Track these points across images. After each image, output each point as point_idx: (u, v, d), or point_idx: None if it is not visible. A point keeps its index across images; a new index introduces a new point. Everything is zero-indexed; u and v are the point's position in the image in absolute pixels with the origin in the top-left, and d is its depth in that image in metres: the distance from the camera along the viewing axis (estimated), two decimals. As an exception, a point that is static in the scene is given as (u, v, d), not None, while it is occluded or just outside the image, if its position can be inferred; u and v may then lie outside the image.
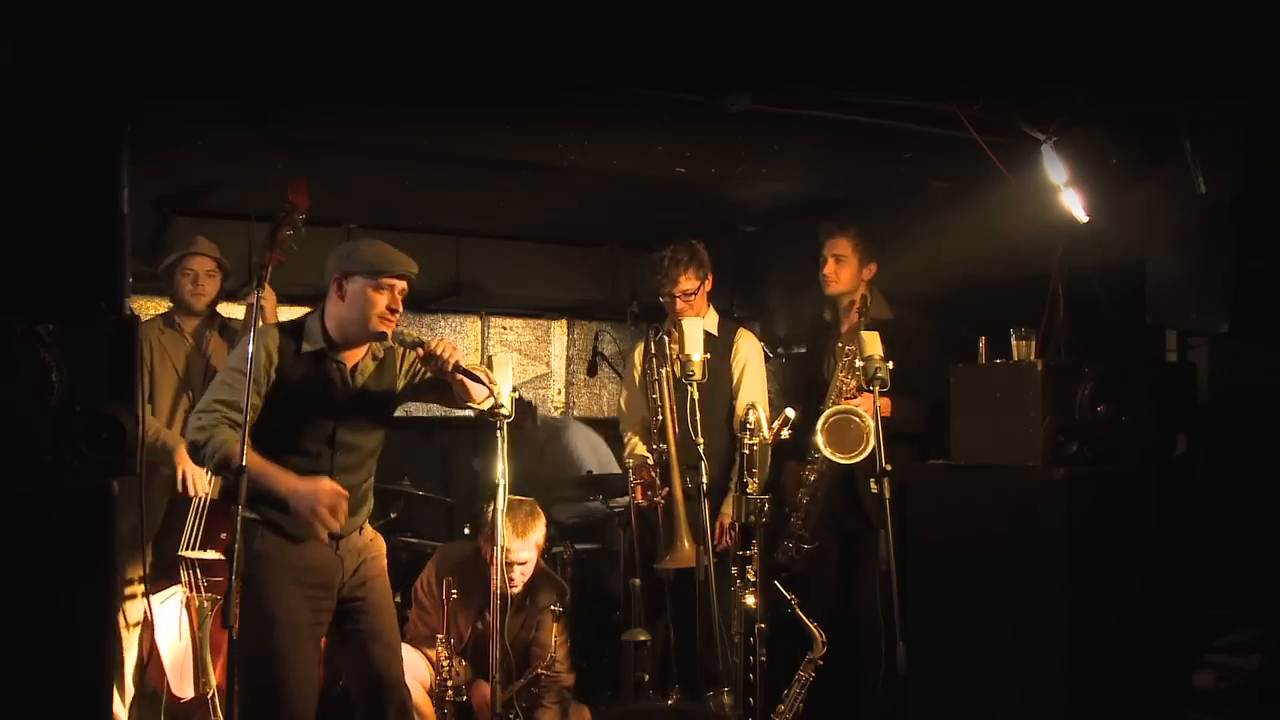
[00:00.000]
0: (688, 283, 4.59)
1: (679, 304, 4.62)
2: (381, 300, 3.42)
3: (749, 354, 4.72)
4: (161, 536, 4.28)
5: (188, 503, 4.22)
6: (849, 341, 4.50)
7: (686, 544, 4.28)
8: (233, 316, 4.80)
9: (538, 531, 4.32)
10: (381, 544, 3.71)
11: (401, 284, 3.47)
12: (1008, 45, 3.27)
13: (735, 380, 4.66)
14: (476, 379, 3.41)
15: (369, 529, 3.67)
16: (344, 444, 3.50)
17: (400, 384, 3.64)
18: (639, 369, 4.77)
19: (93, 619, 2.63)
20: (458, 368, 3.40)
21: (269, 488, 3.30)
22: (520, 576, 4.27)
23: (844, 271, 4.55)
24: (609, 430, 6.75)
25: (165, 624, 4.12)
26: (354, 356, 3.54)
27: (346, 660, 3.62)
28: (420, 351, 3.43)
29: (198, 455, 3.38)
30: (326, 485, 3.31)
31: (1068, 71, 3.44)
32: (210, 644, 4.06)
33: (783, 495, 4.53)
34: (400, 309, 3.47)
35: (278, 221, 3.55)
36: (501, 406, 3.46)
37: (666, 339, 4.65)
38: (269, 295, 4.30)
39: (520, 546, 4.20)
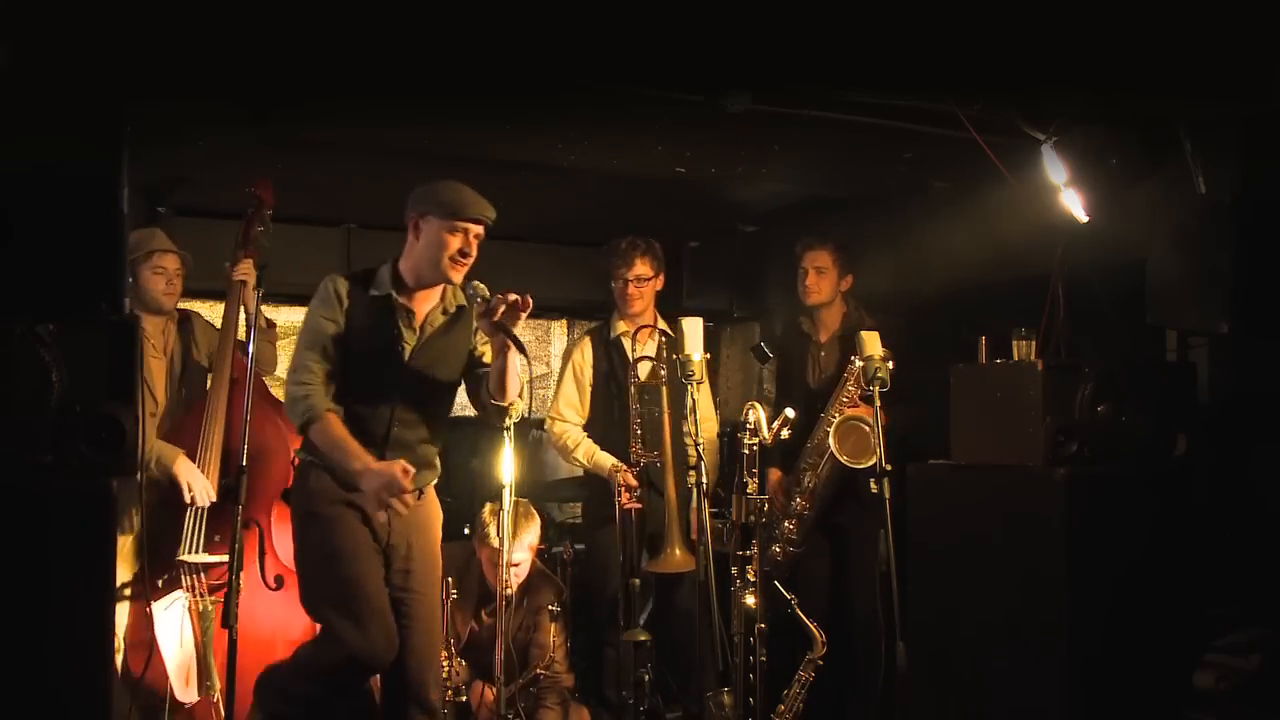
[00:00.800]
0: (643, 267, 4.62)
1: (630, 288, 4.64)
2: (455, 243, 3.37)
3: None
4: (162, 541, 4.25)
5: (184, 507, 4.17)
6: (832, 349, 4.56)
7: (678, 551, 4.28)
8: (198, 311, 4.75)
9: (531, 533, 4.32)
10: (438, 511, 3.66)
11: (477, 228, 3.41)
12: (1008, 45, 3.27)
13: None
14: (521, 349, 3.33)
15: (429, 494, 3.61)
16: (407, 396, 3.44)
17: (469, 345, 3.58)
18: (588, 369, 4.76)
19: (93, 619, 2.63)
20: (506, 330, 3.29)
21: (342, 463, 3.30)
22: (515, 578, 4.26)
23: (824, 283, 4.64)
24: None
25: (168, 629, 4.10)
26: (424, 307, 3.50)
27: None
28: (480, 304, 3.34)
29: (291, 409, 3.40)
30: (399, 470, 3.26)
31: (1068, 71, 3.44)
32: (213, 647, 4.05)
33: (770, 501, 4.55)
34: (474, 254, 3.41)
35: (247, 219, 3.52)
36: (514, 404, 3.48)
37: (625, 340, 4.71)
38: (249, 297, 4.23)
39: (514, 548, 4.19)
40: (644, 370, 4.56)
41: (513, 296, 3.29)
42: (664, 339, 4.54)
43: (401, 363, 3.44)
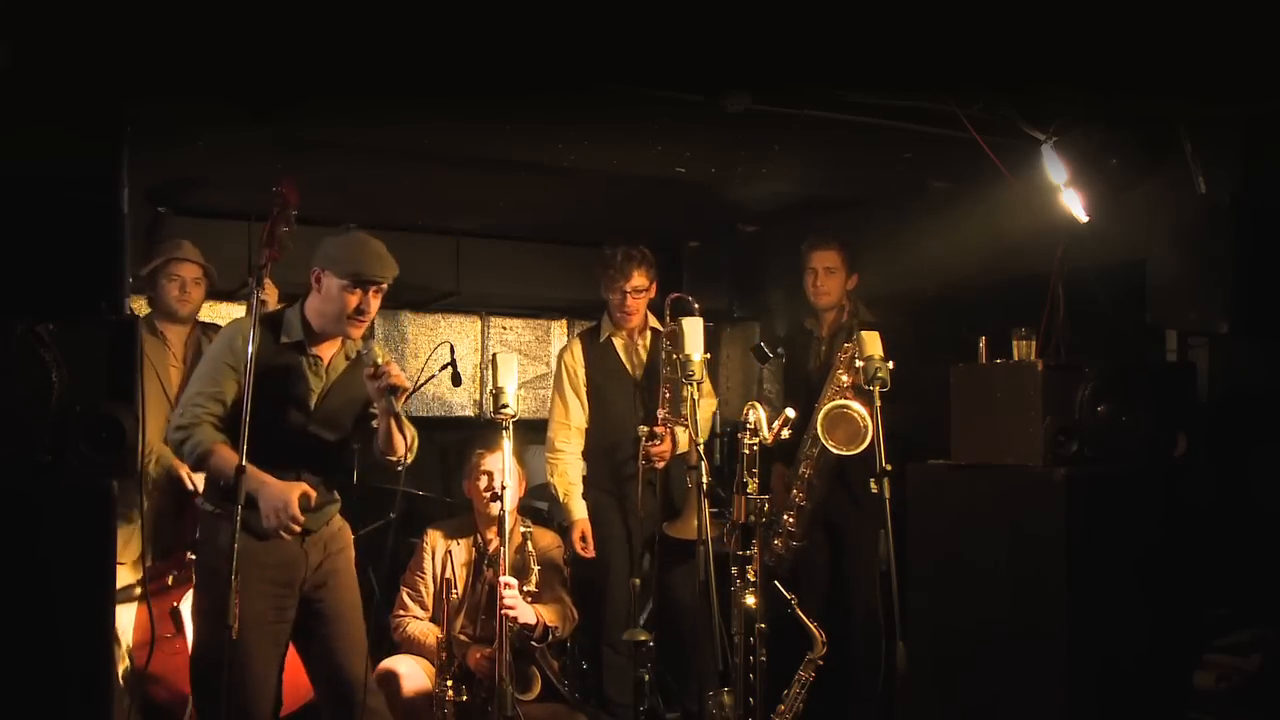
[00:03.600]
0: (640, 279, 4.67)
1: (629, 300, 4.69)
2: (353, 300, 3.42)
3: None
4: (170, 540, 4.26)
5: (189, 508, 4.18)
6: (837, 346, 4.57)
7: (695, 519, 4.27)
8: (214, 321, 4.77)
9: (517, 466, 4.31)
10: (348, 535, 3.71)
11: (375, 286, 3.45)
12: (1008, 45, 3.27)
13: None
14: (400, 430, 3.39)
15: (337, 520, 3.67)
16: (315, 437, 3.51)
17: (365, 392, 3.60)
18: (581, 370, 4.79)
19: (93, 619, 2.64)
20: (390, 399, 3.36)
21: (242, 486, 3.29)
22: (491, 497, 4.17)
23: (834, 282, 4.67)
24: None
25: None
26: (329, 351, 3.56)
27: (310, 664, 3.62)
28: (370, 370, 3.38)
29: (179, 452, 3.44)
30: (297, 490, 3.33)
31: (1068, 71, 3.44)
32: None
33: (772, 498, 4.56)
34: (371, 310, 3.47)
35: (273, 219, 3.55)
36: (506, 407, 3.51)
37: (615, 341, 4.77)
38: (271, 291, 4.26)
39: (495, 459, 4.14)
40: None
41: (393, 378, 3.35)
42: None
43: (309, 408, 3.50)
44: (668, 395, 4.60)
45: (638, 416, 4.68)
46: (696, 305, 4.47)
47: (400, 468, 3.50)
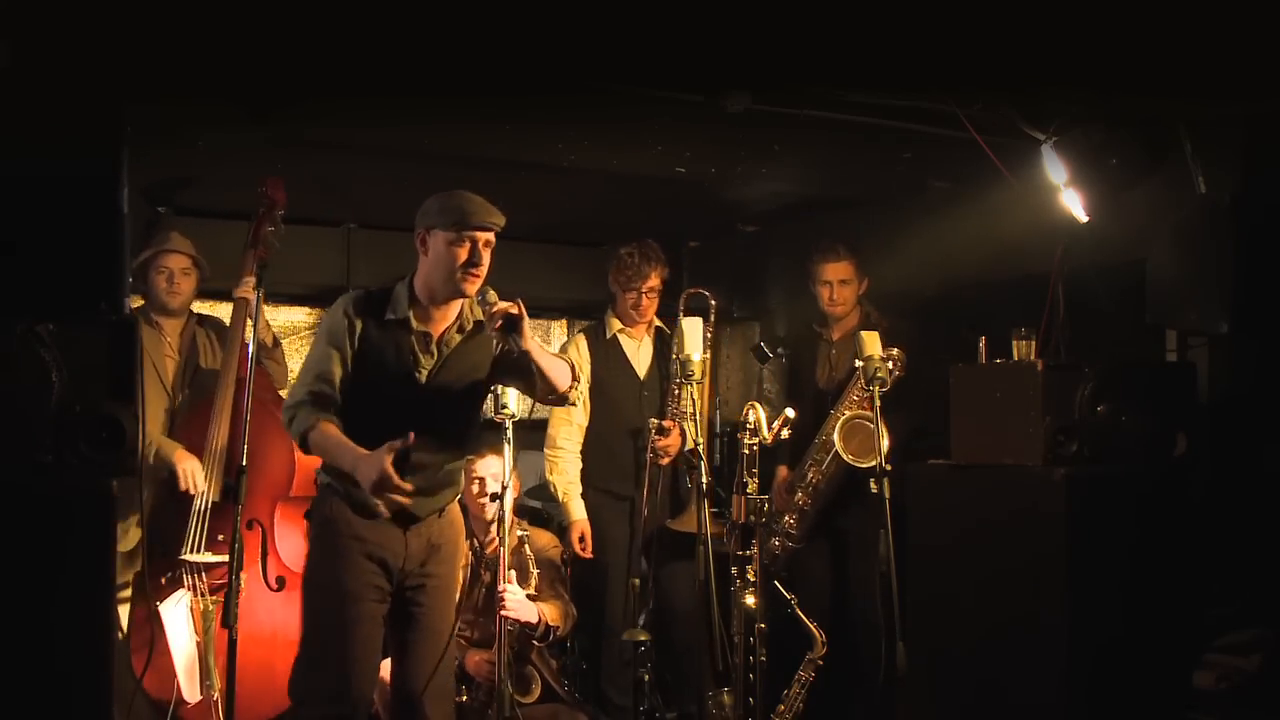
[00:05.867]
0: (655, 279, 4.75)
1: (645, 300, 4.75)
2: (462, 253, 3.25)
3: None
4: (165, 540, 4.26)
5: (188, 506, 4.19)
6: (845, 348, 4.57)
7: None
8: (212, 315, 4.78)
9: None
10: (459, 529, 3.60)
11: (485, 235, 3.30)
12: (1008, 45, 3.27)
13: None
14: (544, 363, 3.28)
15: (451, 511, 3.55)
16: (425, 420, 3.28)
17: (491, 356, 3.49)
18: (586, 366, 4.79)
19: (93, 619, 2.63)
20: (513, 337, 3.21)
21: (340, 464, 3.25)
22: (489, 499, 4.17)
23: (848, 293, 4.69)
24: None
25: (177, 628, 4.10)
26: (440, 326, 3.41)
27: (391, 656, 3.56)
28: (489, 310, 3.24)
29: (288, 427, 3.35)
30: (386, 452, 3.13)
31: (1068, 71, 3.44)
32: (215, 646, 4.06)
33: (773, 496, 4.56)
34: (484, 262, 3.30)
35: (258, 218, 3.53)
36: (506, 407, 3.46)
37: (622, 338, 4.83)
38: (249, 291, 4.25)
39: (487, 464, 4.15)
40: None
41: (499, 308, 3.22)
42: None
43: (418, 387, 3.37)
44: (676, 391, 4.62)
45: (642, 414, 4.69)
46: (714, 303, 4.52)
47: (572, 402, 3.41)
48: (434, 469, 3.40)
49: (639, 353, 4.87)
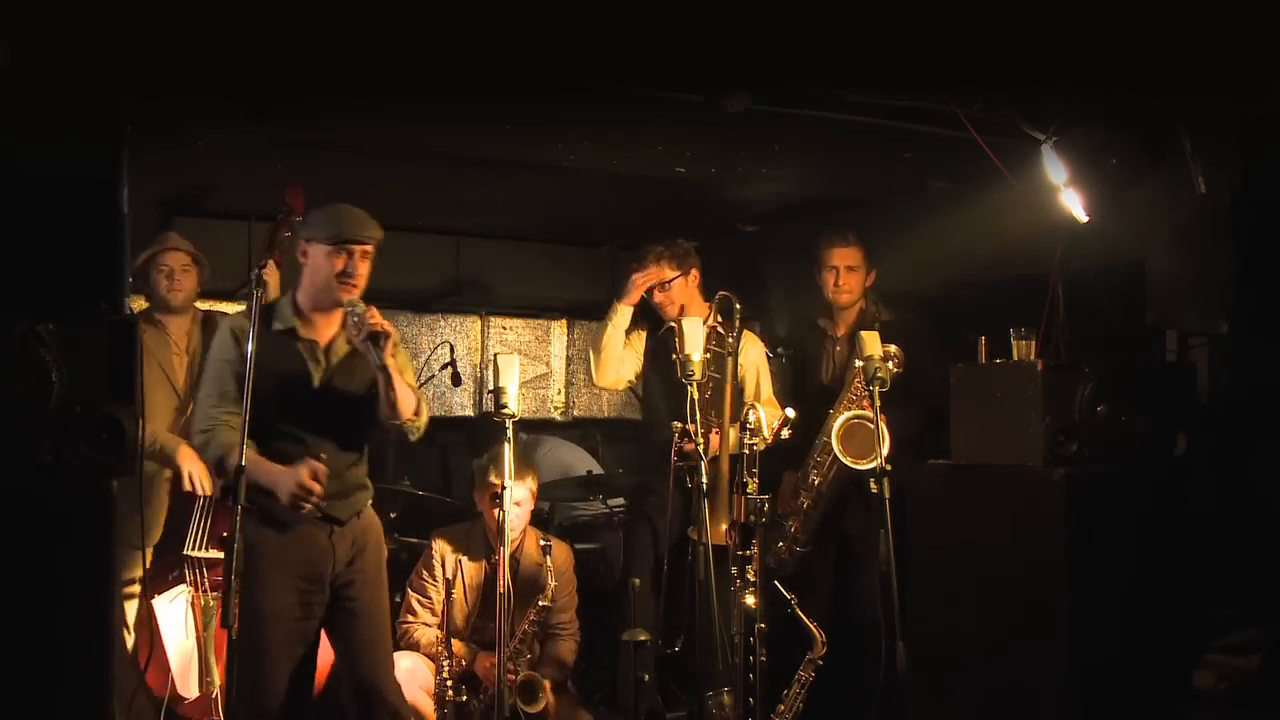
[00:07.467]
0: (660, 271, 4.63)
1: (656, 295, 4.67)
2: (339, 264, 3.39)
3: (757, 357, 4.74)
4: (169, 536, 4.28)
5: (192, 503, 4.22)
6: (848, 345, 4.53)
7: (723, 524, 4.25)
8: (218, 310, 4.79)
9: (529, 479, 4.38)
10: (379, 531, 3.68)
11: (361, 248, 3.42)
12: (1008, 45, 3.27)
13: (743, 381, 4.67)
14: (392, 386, 3.38)
15: (368, 513, 3.63)
16: (323, 425, 3.47)
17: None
18: (641, 343, 4.79)
19: (93, 619, 2.64)
20: (375, 349, 3.32)
21: (255, 479, 3.29)
22: (518, 520, 4.29)
23: (855, 280, 4.61)
24: (607, 430, 6.76)
25: (172, 623, 4.12)
26: (326, 334, 3.52)
27: (338, 660, 3.61)
28: (356, 319, 3.34)
29: (203, 457, 3.46)
30: (306, 472, 3.29)
31: (1068, 71, 3.44)
32: (214, 643, 4.07)
33: (778, 501, 4.54)
34: (359, 274, 3.42)
35: (276, 224, 3.59)
36: (506, 407, 3.47)
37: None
38: (272, 274, 4.26)
39: (515, 485, 4.19)
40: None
41: (373, 321, 3.32)
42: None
43: (311, 394, 3.47)
44: (708, 395, 4.53)
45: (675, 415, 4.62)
46: (738, 306, 4.44)
47: (413, 436, 3.49)
48: (341, 474, 3.48)
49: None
